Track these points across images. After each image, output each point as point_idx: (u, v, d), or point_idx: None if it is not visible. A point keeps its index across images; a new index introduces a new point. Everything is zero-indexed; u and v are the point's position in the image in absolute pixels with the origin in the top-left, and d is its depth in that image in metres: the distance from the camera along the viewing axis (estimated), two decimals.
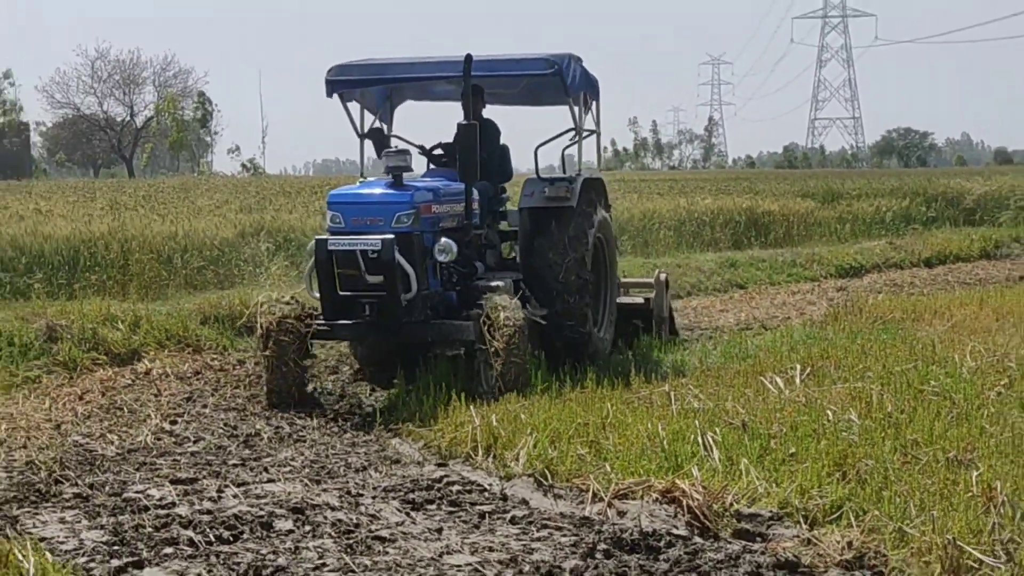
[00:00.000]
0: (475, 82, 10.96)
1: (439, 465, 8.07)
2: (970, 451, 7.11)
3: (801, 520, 6.22)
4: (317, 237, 10.19)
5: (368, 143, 11.84)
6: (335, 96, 11.49)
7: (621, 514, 6.59)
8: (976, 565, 5.35)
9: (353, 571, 5.62)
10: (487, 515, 6.76)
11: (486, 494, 7.22)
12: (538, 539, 6.24)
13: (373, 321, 10.10)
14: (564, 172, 11.77)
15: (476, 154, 10.71)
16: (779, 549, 5.87)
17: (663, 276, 13.21)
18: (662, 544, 5.98)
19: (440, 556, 5.90)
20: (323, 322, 10.32)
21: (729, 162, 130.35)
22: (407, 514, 6.82)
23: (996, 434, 7.49)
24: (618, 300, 12.60)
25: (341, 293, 10.07)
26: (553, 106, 12.37)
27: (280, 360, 10.02)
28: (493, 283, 10.61)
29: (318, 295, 10.30)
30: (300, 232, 19.25)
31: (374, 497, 7.19)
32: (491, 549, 6.02)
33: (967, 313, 13.67)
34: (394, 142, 11.81)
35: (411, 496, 7.18)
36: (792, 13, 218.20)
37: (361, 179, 11.53)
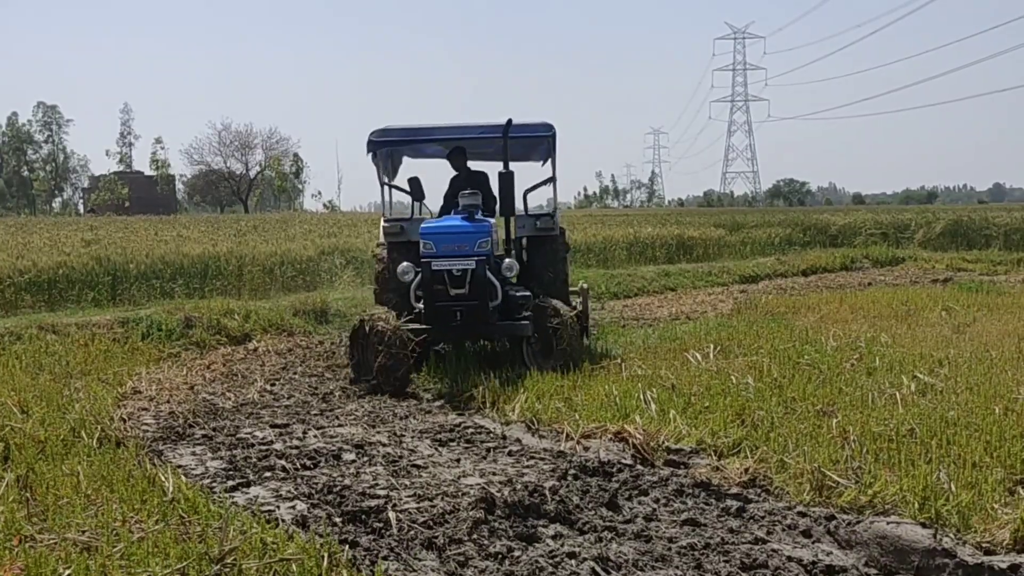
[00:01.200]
0: (490, 142, 10.53)
1: (458, 415, 8.03)
2: (831, 405, 7.09)
3: (712, 453, 6.20)
4: (421, 259, 9.29)
5: (386, 188, 11.09)
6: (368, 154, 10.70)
7: (586, 449, 6.57)
8: (834, 485, 5.35)
9: (397, 489, 5.61)
10: (492, 449, 6.73)
11: (491, 435, 7.19)
12: (527, 466, 6.22)
13: (465, 324, 9.29)
14: (526, 211, 11.02)
15: (513, 196, 10.10)
16: (696, 474, 5.86)
17: (584, 286, 12.74)
18: (614, 470, 5.97)
19: (458, 478, 5.88)
20: (424, 326, 9.23)
21: (666, 202, 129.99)
22: (436, 449, 6.79)
23: (850, 393, 7.47)
24: None
25: (438, 304, 9.20)
26: (523, 161, 11.70)
27: (394, 360, 8.74)
28: (519, 293, 9.90)
29: (421, 306, 9.33)
30: (363, 252, 19.32)
31: (413, 437, 7.17)
32: (494, 473, 6.00)
33: (831, 308, 13.63)
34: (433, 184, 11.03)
35: (439, 436, 7.15)
36: (710, 98, 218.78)
37: (384, 217, 10.94)
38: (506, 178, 10.04)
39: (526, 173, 11.81)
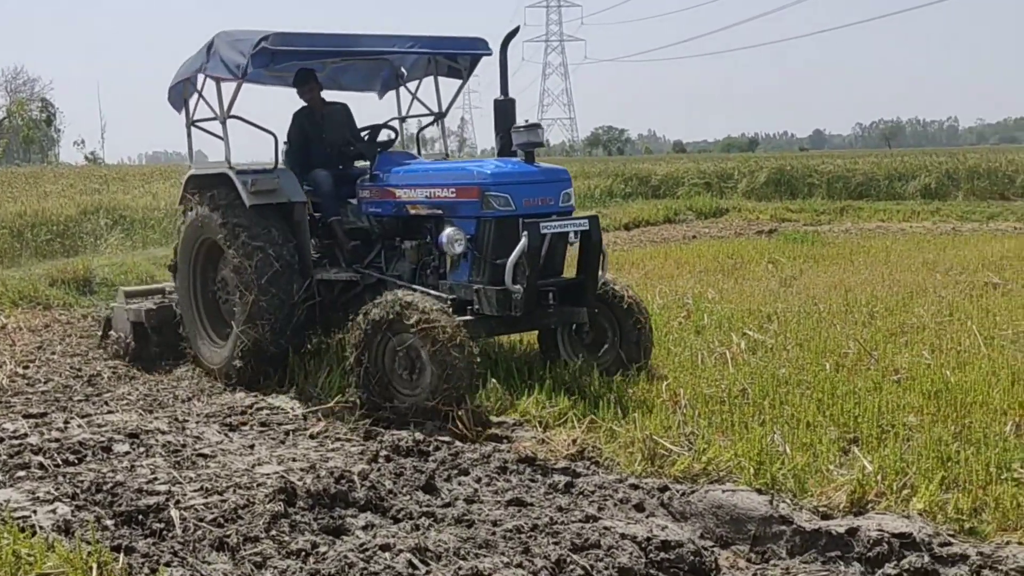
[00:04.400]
0: (406, 57, 8.85)
1: (251, 394, 7.74)
2: (660, 367, 7.29)
3: (537, 425, 6.26)
4: (527, 221, 6.95)
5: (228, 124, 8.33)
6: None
7: (399, 427, 6.49)
8: (667, 453, 5.48)
9: (180, 483, 5.37)
10: (291, 432, 6.57)
11: (290, 416, 7.01)
12: (333, 450, 6.11)
13: (559, 309, 7.27)
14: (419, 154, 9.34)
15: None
16: (521, 448, 5.89)
17: None
18: (431, 448, 5.93)
19: (252, 467, 5.70)
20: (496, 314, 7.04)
21: (478, 152, 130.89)
22: (225, 434, 6.57)
23: (679, 353, 7.72)
24: None
25: (539, 283, 7.09)
26: (356, 91, 9.86)
27: (461, 374, 6.44)
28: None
29: (520, 287, 6.89)
30: (132, 210, 18.51)
31: (198, 422, 6.90)
32: (294, 459, 5.86)
33: (656, 264, 14.07)
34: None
35: (228, 420, 6.93)
36: (523, 37, 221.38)
37: (234, 166, 8.28)
38: (507, 108, 7.86)
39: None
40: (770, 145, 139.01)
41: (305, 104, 8.83)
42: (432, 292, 7.23)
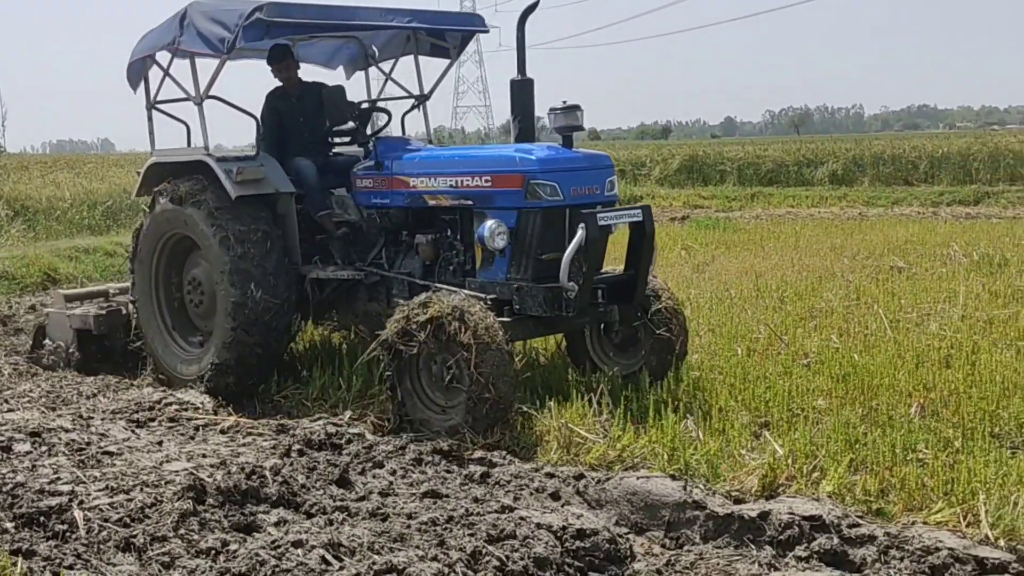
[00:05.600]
0: (398, 32, 7.96)
1: (159, 389, 7.55)
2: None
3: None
4: (584, 212, 6.27)
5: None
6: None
7: (312, 421, 6.41)
8: (582, 441, 5.50)
9: (84, 482, 5.19)
10: (201, 428, 6.43)
11: (200, 411, 6.85)
12: (244, 445, 6.00)
13: (611, 303, 6.64)
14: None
15: (533, 114, 7.33)
16: (436, 439, 5.84)
17: None
18: (343, 442, 5.87)
19: (160, 465, 5.54)
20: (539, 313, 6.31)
21: None
22: (132, 431, 6.38)
23: None
24: None
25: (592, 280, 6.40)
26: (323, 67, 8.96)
27: (497, 375, 5.76)
28: None
29: (576, 285, 6.16)
30: (35, 200, 17.96)
31: (103, 419, 6.69)
32: (204, 456, 5.72)
33: None
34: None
35: (136, 416, 6.73)
36: None
37: (212, 151, 7.45)
38: (525, 89, 7.18)
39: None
40: (682, 133, 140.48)
41: (280, 84, 8.01)
42: (465, 291, 6.42)
